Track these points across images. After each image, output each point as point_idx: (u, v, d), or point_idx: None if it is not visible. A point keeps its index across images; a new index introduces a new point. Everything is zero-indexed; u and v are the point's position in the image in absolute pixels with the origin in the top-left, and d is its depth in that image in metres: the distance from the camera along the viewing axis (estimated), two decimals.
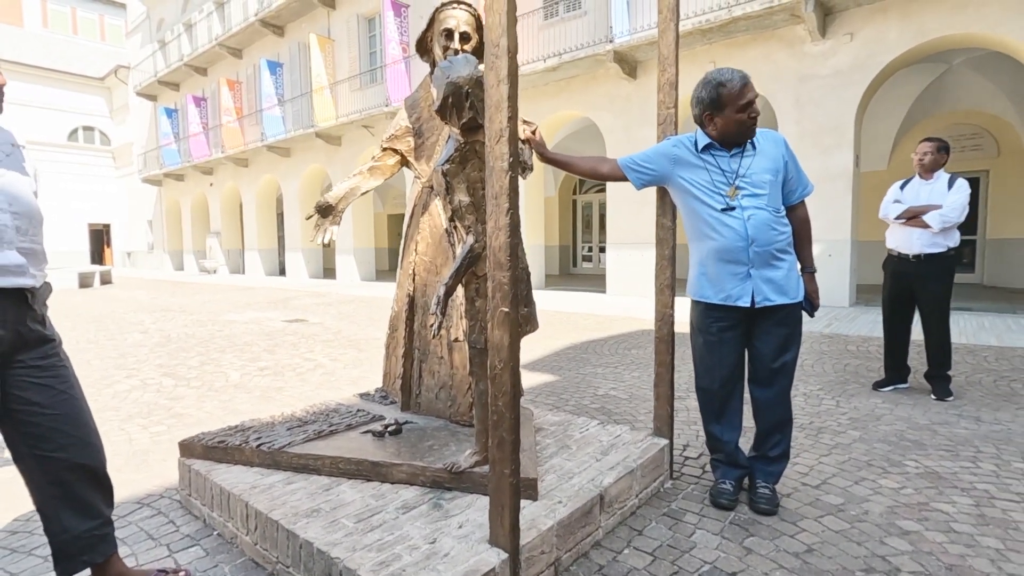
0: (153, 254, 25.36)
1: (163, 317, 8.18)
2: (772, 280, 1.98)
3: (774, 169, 1.99)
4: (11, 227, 1.30)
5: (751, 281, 1.98)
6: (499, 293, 1.43)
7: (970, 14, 6.87)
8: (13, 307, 1.31)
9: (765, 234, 1.95)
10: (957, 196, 3.41)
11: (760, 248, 1.96)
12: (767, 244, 1.96)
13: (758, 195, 1.96)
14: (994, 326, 6.06)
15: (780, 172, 2.00)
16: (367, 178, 2.34)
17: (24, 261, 1.33)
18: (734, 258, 1.99)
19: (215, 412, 3.40)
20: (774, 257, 1.97)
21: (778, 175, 1.99)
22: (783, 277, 1.99)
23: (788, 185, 2.04)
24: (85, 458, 1.44)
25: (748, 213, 1.96)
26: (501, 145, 1.39)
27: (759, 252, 1.96)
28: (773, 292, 1.98)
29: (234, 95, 18.37)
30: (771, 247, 1.96)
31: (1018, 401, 3.46)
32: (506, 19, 1.35)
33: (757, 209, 1.95)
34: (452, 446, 2.05)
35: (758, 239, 1.95)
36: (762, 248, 1.96)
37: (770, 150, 2.02)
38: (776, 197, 1.99)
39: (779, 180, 2.00)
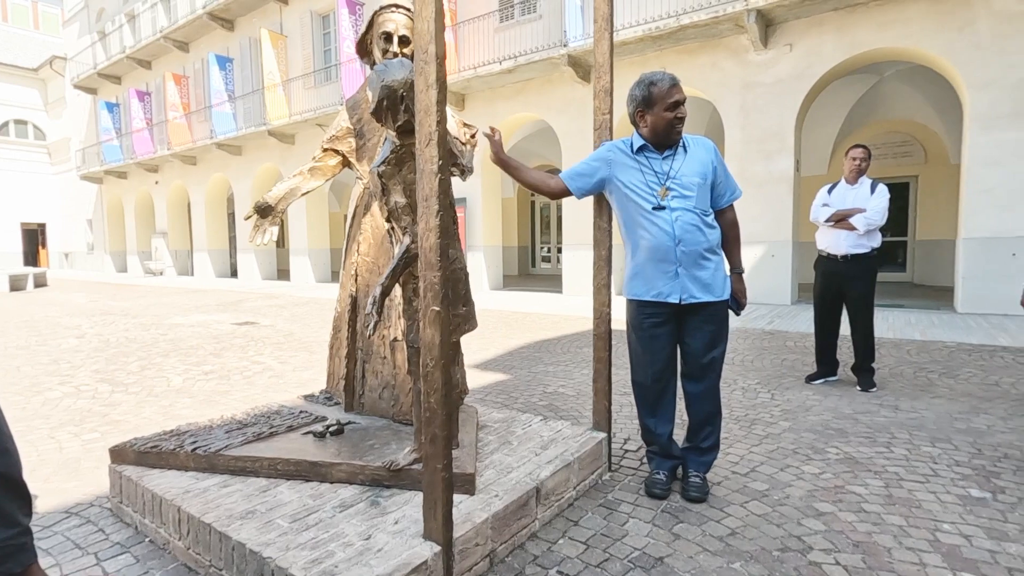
0: (93, 255, 24.11)
1: (103, 321, 7.82)
2: (698, 279, 2.08)
3: (703, 172, 2.09)
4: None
5: (679, 280, 2.08)
6: (430, 293, 1.47)
7: (897, 30, 7.32)
8: None
9: (692, 235, 2.05)
10: (879, 200, 3.65)
11: (687, 248, 2.06)
12: (694, 244, 2.05)
13: (687, 196, 2.06)
14: (919, 322, 6.47)
15: (709, 176, 2.10)
16: (308, 179, 2.33)
17: None
18: (664, 256, 2.08)
19: (153, 418, 3.30)
20: (701, 257, 2.07)
21: (707, 179, 2.10)
22: (709, 276, 2.09)
23: (717, 189, 2.15)
24: None
25: (676, 214, 2.05)
26: (431, 148, 1.43)
27: (686, 252, 2.06)
28: (699, 290, 2.08)
29: (181, 90, 17.69)
30: (698, 247, 2.06)
31: (934, 391, 3.72)
32: (434, 25, 1.39)
33: (685, 210, 2.05)
34: (393, 444, 2.07)
35: (684, 239, 2.05)
36: (689, 248, 2.06)
37: (700, 154, 2.12)
38: (704, 200, 2.09)
39: (708, 184, 2.10)
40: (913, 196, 11.79)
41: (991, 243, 6.80)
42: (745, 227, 8.36)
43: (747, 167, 8.55)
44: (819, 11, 7.72)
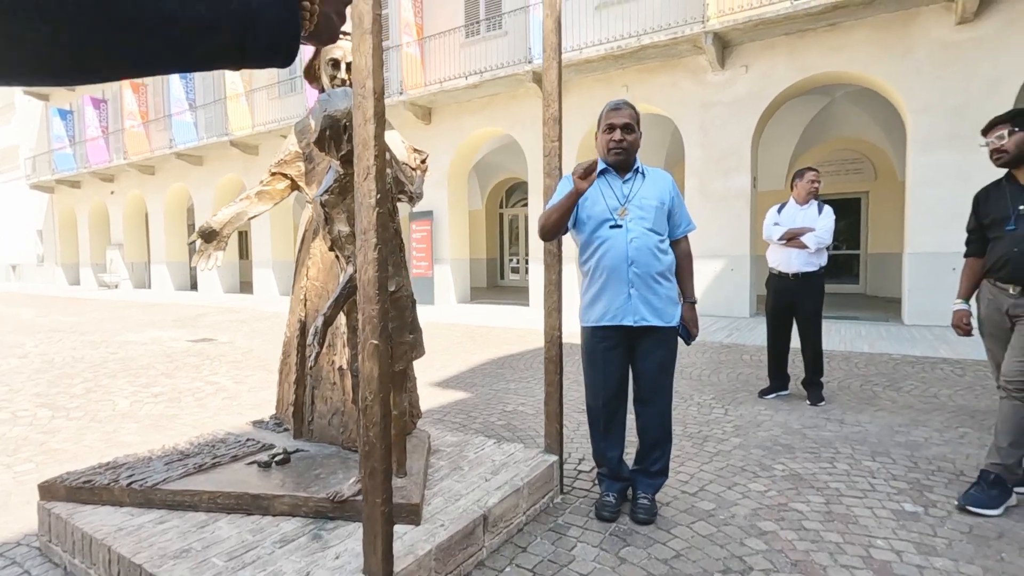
0: (44, 267, 23.07)
1: (48, 339, 7.48)
2: (650, 302, 2.12)
3: (660, 197, 2.16)
4: None
5: (631, 302, 2.12)
6: (369, 326, 1.47)
7: (844, 54, 7.67)
8: None
9: (645, 257, 2.10)
10: (827, 220, 3.83)
11: (640, 270, 2.10)
12: (646, 267, 2.10)
13: (644, 218, 2.12)
14: (869, 334, 6.73)
15: (666, 204, 2.17)
16: (255, 203, 2.30)
17: None
18: (618, 276, 2.12)
19: (95, 446, 3.17)
20: (653, 280, 2.12)
21: (664, 206, 2.16)
22: (661, 302, 2.14)
23: (672, 220, 2.22)
24: None
25: (632, 235, 2.11)
26: (369, 182, 1.43)
27: (638, 273, 2.11)
28: (650, 314, 2.13)
29: (139, 98, 17.19)
30: (650, 269, 2.11)
31: (877, 403, 3.87)
32: (372, 61, 1.40)
33: (642, 231, 2.11)
34: (340, 474, 2.04)
35: (638, 260, 2.10)
36: (641, 270, 2.10)
37: (659, 182, 2.21)
38: (661, 224, 2.15)
39: (664, 210, 2.16)
40: (864, 211, 12.30)
41: (933, 258, 7.14)
42: (704, 242, 8.65)
43: (707, 183, 8.78)
44: (772, 35, 8.03)
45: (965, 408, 3.71)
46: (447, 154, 11.45)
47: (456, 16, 11.10)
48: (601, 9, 9.50)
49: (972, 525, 2.14)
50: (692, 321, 2.23)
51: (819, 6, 7.25)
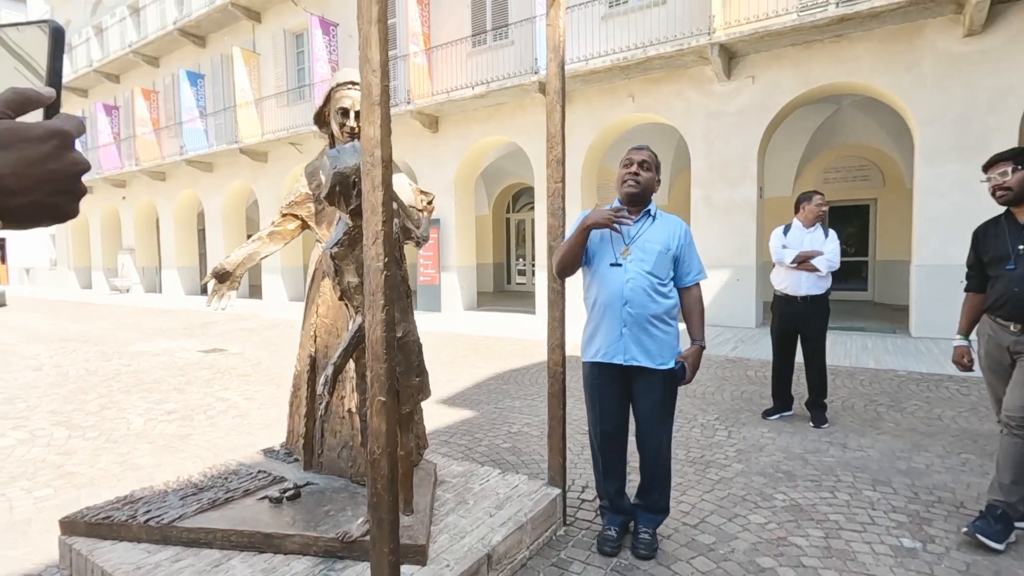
0: (56, 271, 23.39)
1: (62, 349, 7.62)
2: (642, 343, 2.15)
3: (666, 243, 2.17)
4: None
5: (622, 340, 2.16)
6: (377, 384, 1.53)
7: (850, 66, 7.67)
8: None
9: (640, 298, 2.13)
10: (834, 244, 3.87)
11: (634, 311, 2.13)
12: (641, 308, 2.13)
13: (644, 260, 2.15)
14: (875, 347, 6.73)
15: (672, 249, 2.18)
16: (266, 243, 2.37)
17: None
18: (613, 314, 2.16)
19: (110, 468, 3.25)
20: (648, 322, 2.14)
21: (669, 250, 2.17)
22: (655, 344, 2.15)
23: (682, 267, 2.23)
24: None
25: (629, 276, 2.14)
26: (377, 246, 1.49)
27: (632, 314, 2.14)
28: (641, 354, 2.16)
29: (150, 105, 17.41)
30: (645, 312, 2.13)
31: (880, 426, 3.89)
32: (380, 132, 1.46)
33: (639, 274, 2.13)
34: (349, 511, 2.10)
35: (632, 301, 2.13)
36: (636, 311, 2.13)
37: (669, 226, 2.22)
38: (662, 268, 2.16)
39: (669, 255, 2.18)
40: (873, 218, 12.25)
41: (940, 270, 7.13)
42: (710, 251, 8.67)
43: (712, 193, 8.80)
44: (778, 46, 8.03)
45: (968, 431, 3.73)
46: (454, 162, 11.52)
47: (463, 26, 11.16)
48: (607, 19, 9.54)
49: (969, 563, 2.17)
50: (692, 365, 2.19)
51: (825, 19, 7.25)
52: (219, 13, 14.70)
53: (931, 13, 7.04)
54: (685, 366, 2.19)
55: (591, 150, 10.01)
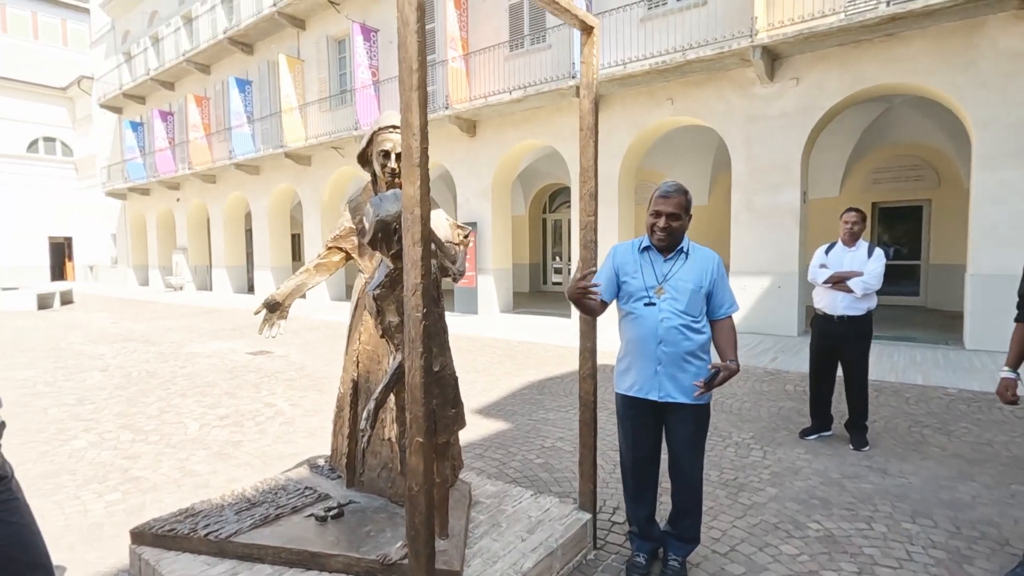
0: (117, 268, 24.78)
1: (124, 350, 8.12)
2: (677, 379, 2.18)
3: (699, 280, 2.18)
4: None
5: (657, 377, 2.19)
6: (415, 425, 1.63)
7: (902, 65, 7.37)
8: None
9: (674, 337, 2.15)
10: (876, 265, 3.74)
11: (668, 349, 2.17)
12: (675, 346, 2.16)
13: (677, 299, 2.17)
14: (924, 360, 6.48)
15: (705, 286, 2.19)
16: (313, 275, 2.51)
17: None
18: (647, 353, 2.19)
19: (171, 474, 3.50)
20: (683, 359, 2.16)
21: (702, 287, 2.18)
22: (689, 379, 2.17)
23: (714, 300, 2.23)
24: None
25: (663, 316, 2.16)
26: (416, 298, 1.59)
27: (667, 353, 2.17)
28: (677, 391, 2.19)
29: (202, 111, 18.20)
30: (679, 349, 2.15)
31: (925, 450, 3.78)
32: (420, 191, 1.56)
33: (672, 313, 2.16)
34: (388, 532, 2.23)
35: (666, 340, 2.16)
36: (670, 349, 2.16)
37: (702, 264, 2.22)
38: (695, 306, 2.18)
39: (702, 292, 2.18)
40: (926, 220, 11.72)
41: (997, 280, 6.79)
42: (750, 257, 8.51)
43: (752, 198, 8.62)
44: (824, 46, 7.79)
45: (1020, 460, 3.59)
46: (491, 166, 11.63)
47: (500, 31, 11.24)
48: (645, 22, 9.44)
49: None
50: (724, 375, 2.13)
51: (875, 18, 6.99)
52: (266, 22, 15.23)
53: (992, 9, 6.70)
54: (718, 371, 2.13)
55: (629, 153, 9.95)
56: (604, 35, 9.67)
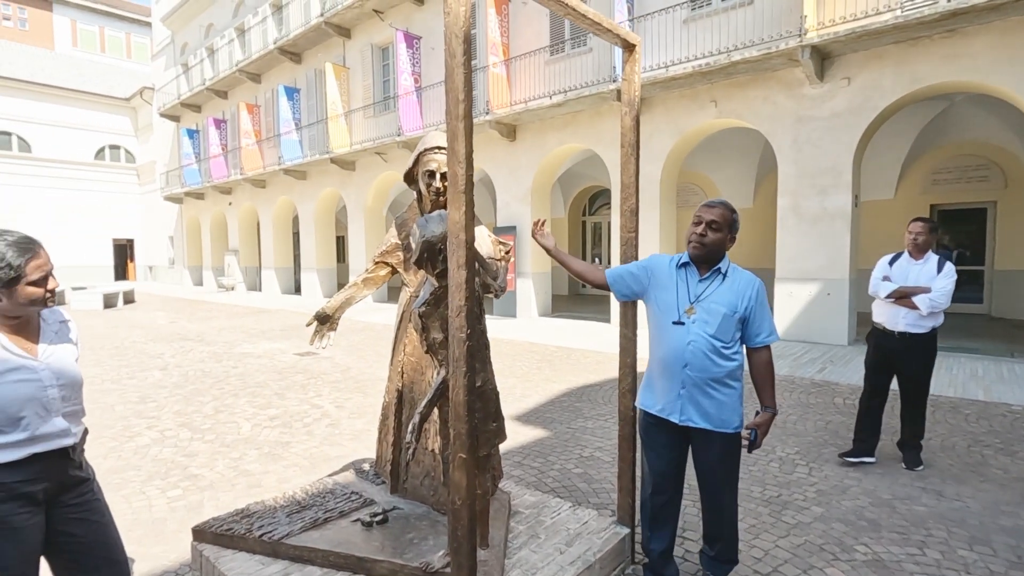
0: (174, 269, 26.09)
1: (181, 349, 8.57)
2: (700, 405, 2.10)
3: (733, 304, 2.09)
4: (58, 398, 1.59)
5: (679, 400, 2.12)
6: (458, 441, 1.69)
7: (963, 63, 7.00)
8: (58, 462, 1.60)
9: (700, 361, 2.07)
10: (946, 282, 3.47)
11: (693, 372, 2.08)
12: (701, 371, 2.07)
13: (708, 322, 2.08)
14: (987, 374, 6.15)
15: (739, 311, 2.09)
16: (361, 289, 2.62)
17: (68, 425, 1.61)
18: (672, 373, 2.12)
19: (226, 473, 3.69)
20: (708, 385, 2.08)
21: (735, 312, 2.09)
22: (715, 406, 2.09)
23: (751, 327, 2.13)
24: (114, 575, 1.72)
25: (691, 338, 2.09)
26: (460, 319, 1.65)
27: (691, 376, 2.09)
28: (698, 416, 2.11)
29: (253, 119, 18.96)
30: (705, 375, 2.07)
31: (984, 472, 3.60)
32: (465, 217, 1.61)
33: (701, 336, 2.08)
34: (431, 540, 2.30)
35: (692, 363, 2.08)
36: (695, 373, 2.08)
37: (739, 287, 2.13)
38: (726, 331, 2.08)
39: (735, 317, 2.09)
40: (991, 223, 11.09)
41: None
42: (799, 263, 8.27)
43: (801, 202, 8.36)
44: (878, 44, 7.49)
45: None
46: (531, 170, 11.68)
47: (541, 35, 11.28)
48: (689, 23, 9.29)
49: None
50: (763, 432, 2.10)
51: (934, 14, 6.67)
52: (313, 32, 15.75)
53: None
54: (757, 433, 2.09)
55: (670, 156, 9.81)
56: (646, 37, 9.57)
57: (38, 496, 1.56)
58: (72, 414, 1.64)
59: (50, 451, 1.57)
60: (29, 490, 1.54)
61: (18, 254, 1.52)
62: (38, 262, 1.56)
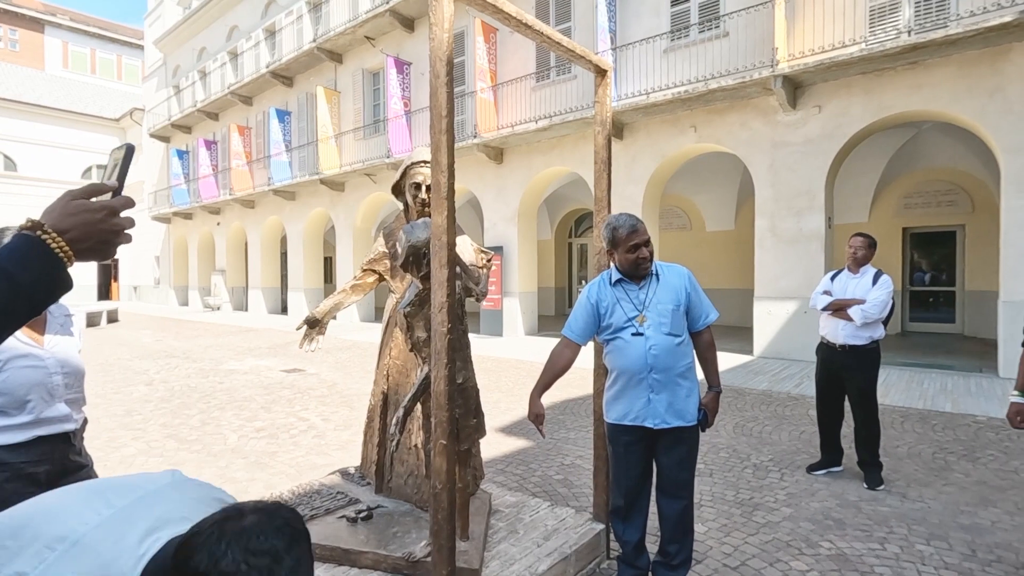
0: (159, 289, 25.89)
1: (167, 366, 8.55)
2: (671, 404, 2.22)
3: (676, 299, 2.25)
4: (61, 385, 1.70)
5: (651, 405, 2.24)
6: (439, 429, 1.81)
7: (926, 93, 7.41)
8: (60, 446, 1.70)
9: (664, 361, 2.20)
10: (879, 292, 3.62)
11: (659, 374, 2.20)
12: (666, 370, 2.20)
13: (663, 323, 2.21)
14: (956, 388, 6.37)
15: (683, 303, 2.26)
16: (349, 295, 2.75)
17: (70, 411, 1.72)
18: (638, 382, 2.24)
19: (212, 481, 3.72)
20: (673, 382, 2.22)
21: (680, 305, 2.25)
22: (681, 401, 2.23)
23: (692, 313, 2.31)
24: None
25: (651, 343, 2.20)
26: (442, 314, 1.79)
27: (658, 378, 2.22)
28: (670, 415, 2.23)
29: (244, 140, 19.15)
30: (671, 373, 2.21)
31: (947, 476, 3.77)
32: (447, 221, 1.77)
33: (661, 337, 2.21)
34: (414, 533, 2.40)
35: (657, 366, 2.21)
36: (662, 374, 2.20)
37: (673, 282, 2.29)
38: (679, 325, 2.25)
39: (681, 310, 2.26)
40: (960, 245, 11.50)
41: None
42: (777, 283, 8.52)
43: (777, 223, 8.66)
44: (846, 74, 7.89)
45: None
46: (517, 192, 11.94)
47: (528, 62, 11.65)
48: (669, 53, 9.69)
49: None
50: (712, 409, 2.30)
51: (897, 47, 7.09)
52: (306, 56, 16.08)
53: (1017, 37, 6.72)
54: (707, 413, 2.27)
55: (652, 179, 10.12)
56: (628, 65, 9.96)
57: (41, 478, 1.66)
58: (73, 401, 1.75)
59: (53, 435, 1.67)
60: (33, 471, 1.64)
61: None
62: None
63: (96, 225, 0.79)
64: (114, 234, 0.81)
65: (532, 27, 2.16)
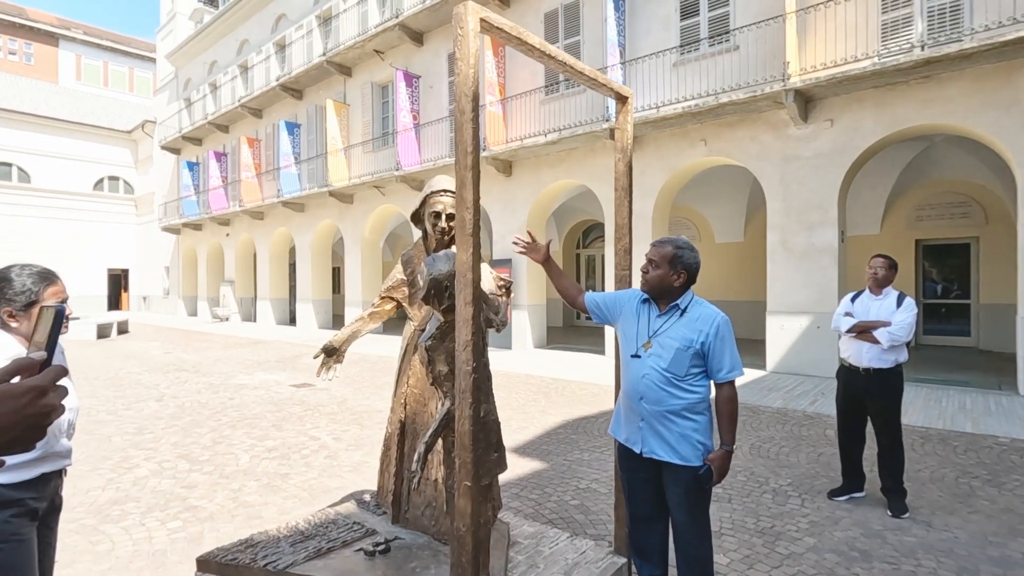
0: (168, 299, 26.04)
1: (177, 380, 8.56)
2: (661, 436, 2.14)
3: (688, 340, 2.12)
4: (66, 422, 1.69)
5: (641, 432, 2.20)
6: (463, 470, 1.77)
7: (939, 107, 7.35)
8: (54, 483, 1.69)
9: (655, 393, 2.13)
10: (905, 315, 3.56)
11: (649, 405, 2.14)
12: (656, 403, 2.13)
13: (661, 356, 2.14)
14: (975, 406, 6.26)
15: (693, 347, 2.11)
16: (367, 322, 2.72)
17: (71, 447, 1.71)
18: (631, 406, 2.21)
19: (225, 504, 3.71)
20: (665, 418, 2.12)
21: (690, 347, 2.11)
22: (675, 438, 2.12)
23: (710, 363, 2.15)
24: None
25: (644, 371, 2.15)
26: (467, 353, 1.76)
27: (648, 409, 2.15)
28: (660, 447, 2.14)
29: (253, 152, 19.30)
30: (661, 407, 2.12)
31: (973, 503, 3.68)
32: (472, 258, 1.75)
33: (654, 369, 2.13)
34: (432, 569, 2.35)
35: (647, 396, 2.14)
36: (651, 406, 2.14)
37: (697, 324, 2.14)
38: (680, 365, 2.11)
39: (689, 352, 2.11)
40: (975, 258, 11.38)
41: None
42: (789, 297, 8.44)
43: (789, 238, 8.60)
44: (858, 88, 7.85)
45: None
46: (526, 204, 11.94)
47: (537, 76, 11.69)
48: (679, 66, 9.70)
49: None
50: (720, 469, 2.11)
51: (910, 62, 7.04)
52: (316, 70, 16.22)
53: None
54: (710, 468, 2.10)
55: (662, 192, 10.09)
56: (638, 79, 9.97)
57: (39, 513, 1.65)
58: (69, 438, 1.74)
59: (53, 472, 1.66)
60: (36, 507, 1.63)
61: (36, 281, 1.69)
62: (54, 289, 1.73)
63: (21, 412, 0.64)
64: (43, 416, 0.66)
65: (555, 57, 2.14)
